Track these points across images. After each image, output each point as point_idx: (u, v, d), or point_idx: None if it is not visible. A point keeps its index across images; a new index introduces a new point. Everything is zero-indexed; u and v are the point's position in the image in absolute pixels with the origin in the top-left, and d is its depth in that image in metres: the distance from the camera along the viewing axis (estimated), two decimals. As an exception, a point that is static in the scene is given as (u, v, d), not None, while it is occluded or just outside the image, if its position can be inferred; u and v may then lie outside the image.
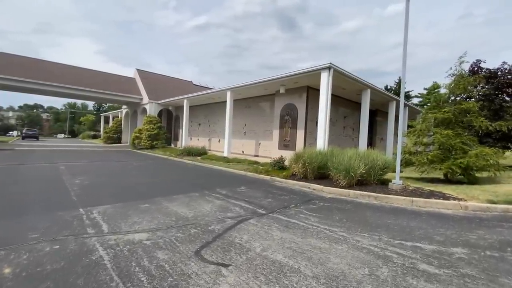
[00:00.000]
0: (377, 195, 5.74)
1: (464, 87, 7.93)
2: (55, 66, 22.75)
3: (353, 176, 6.43)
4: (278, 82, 11.60)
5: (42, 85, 19.31)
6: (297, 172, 7.74)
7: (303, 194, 6.16)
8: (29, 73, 19.13)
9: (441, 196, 5.53)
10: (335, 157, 6.97)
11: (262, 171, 8.77)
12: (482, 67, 12.25)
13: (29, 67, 20.08)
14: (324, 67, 9.42)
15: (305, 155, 7.58)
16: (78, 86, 20.88)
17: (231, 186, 6.84)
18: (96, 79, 23.38)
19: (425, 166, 7.76)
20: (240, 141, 16.67)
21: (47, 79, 19.63)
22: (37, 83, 19.04)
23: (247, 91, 14.22)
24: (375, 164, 6.64)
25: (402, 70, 6.53)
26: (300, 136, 12.43)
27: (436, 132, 7.60)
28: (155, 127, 20.60)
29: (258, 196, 5.71)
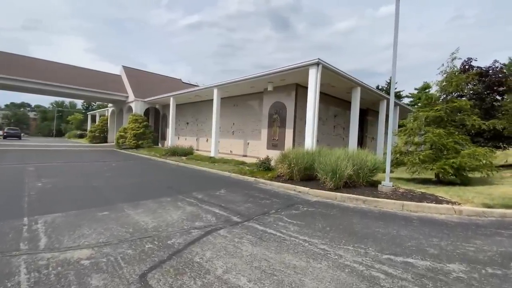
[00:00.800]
0: (366, 199, 5.32)
1: (457, 85, 7.61)
2: (38, 63, 21.67)
3: (340, 178, 5.99)
4: (266, 79, 11.12)
5: (24, 82, 18.30)
6: (283, 173, 7.28)
7: (286, 198, 5.68)
8: (9, 69, 18.09)
9: (434, 199, 5.14)
10: (323, 157, 6.53)
11: (246, 172, 8.28)
12: (473, 66, 12.05)
13: (9, 63, 19.02)
14: (312, 63, 8.98)
15: (291, 155, 7.12)
16: (62, 83, 19.91)
17: (211, 189, 6.32)
18: (82, 77, 22.41)
19: (417, 167, 7.42)
20: (228, 141, 16.13)
21: (29, 76, 18.62)
22: (18, 79, 18.02)
23: (234, 88, 13.70)
24: (364, 165, 6.23)
25: (392, 68, 6.13)
26: (288, 135, 11.98)
27: (428, 131, 7.26)
28: (140, 126, 19.83)
29: (237, 201, 5.20)
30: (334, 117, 14.75)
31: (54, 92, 21.33)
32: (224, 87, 13.25)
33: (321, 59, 8.89)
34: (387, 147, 5.99)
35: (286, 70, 9.87)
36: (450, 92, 7.78)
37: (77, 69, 23.90)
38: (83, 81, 21.54)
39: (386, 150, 8.52)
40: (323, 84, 11.60)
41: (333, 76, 10.18)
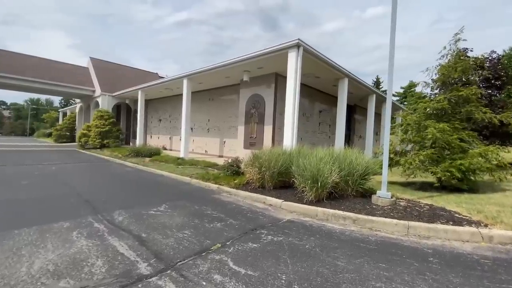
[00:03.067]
0: (357, 217, 3.85)
1: (463, 70, 6.31)
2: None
3: (323, 187, 4.50)
4: (241, 66, 9.52)
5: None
6: (253, 180, 5.72)
7: (249, 217, 4.12)
8: None
9: (448, 217, 3.73)
10: (302, 158, 5.02)
11: (210, 178, 6.66)
12: (469, 56, 10.98)
13: None
14: (291, 45, 7.47)
15: (264, 157, 5.57)
16: (19, 75, 17.42)
17: (148, 203, 4.66)
18: (45, 68, 19.91)
19: (414, 169, 6.07)
20: (203, 139, 14.42)
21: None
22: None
23: (208, 79, 12.01)
24: (353, 169, 4.77)
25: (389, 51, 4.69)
26: (268, 132, 10.46)
27: (430, 125, 5.91)
28: (106, 123, 17.70)
29: (173, 225, 3.59)
30: (319, 113, 13.37)
31: (7, 85, 18.76)
32: (195, 77, 11.54)
33: (302, 40, 7.39)
34: (384, 148, 4.55)
35: (263, 55, 8.32)
36: (454, 79, 6.49)
37: (40, 60, 21.34)
38: (45, 74, 19.10)
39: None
40: (306, 74, 10.16)
41: (317, 63, 8.72)
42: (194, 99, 14.81)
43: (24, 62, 19.72)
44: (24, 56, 20.83)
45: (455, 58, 6.45)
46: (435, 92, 7.30)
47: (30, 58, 21.04)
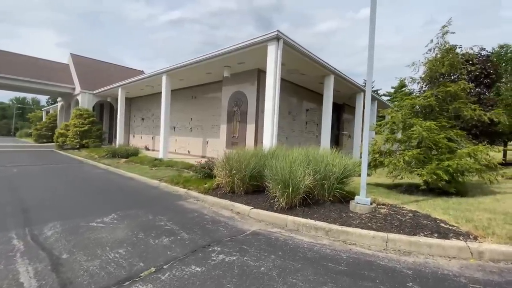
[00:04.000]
0: (330, 228, 3.34)
1: (450, 65, 5.91)
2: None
3: (295, 192, 3.98)
4: (220, 61, 8.95)
5: None
6: (223, 184, 5.16)
7: (208, 228, 3.56)
8: None
9: (433, 227, 3.25)
10: (276, 160, 4.48)
11: (180, 182, 6.07)
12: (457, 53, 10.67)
13: None
14: (270, 37, 6.94)
15: (234, 158, 5.02)
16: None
17: (95, 213, 4.05)
18: (23, 65, 18.88)
19: (400, 170, 5.64)
20: (186, 139, 13.77)
21: None
22: None
23: (188, 75, 11.39)
24: (330, 172, 4.26)
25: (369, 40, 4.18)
26: (250, 131, 9.92)
27: (416, 124, 5.47)
28: (86, 122, 16.83)
29: (110, 242, 3.00)
30: (306, 111, 12.90)
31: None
32: (175, 73, 10.90)
33: (282, 32, 6.87)
34: (363, 148, 4.06)
35: (241, 48, 7.76)
36: (441, 74, 6.07)
37: (18, 57, 20.24)
38: (23, 70, 18.08)
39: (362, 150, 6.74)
40: (290, 71, 9.66)
41: (300, 58, 8.22)
42: (177, 97, 14.17)
43: (5, 59, 18.66)
44: (5, 53, 19.74)
45: (443, 52, 6.05)
46: (422, 89, 6.90)
47: (7, 54, 19.96)
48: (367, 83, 4.06)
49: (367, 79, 4.05)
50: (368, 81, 4.07)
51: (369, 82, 4.07)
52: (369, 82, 4.07)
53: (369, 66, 3.99)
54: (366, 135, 4.00)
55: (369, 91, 4.02)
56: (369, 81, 4.06)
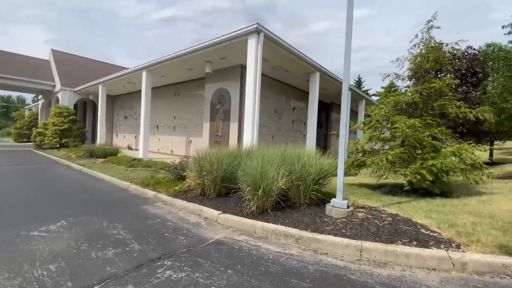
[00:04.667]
0: (300, 235, 3.00)
1: (435, 60, 5.68)
2: None
3: (267, 194, 3.63)
4: (201, 55, 8.53)
5: None
6: (193, 186, 4.76)
7: (166, 237, 3.17)
8: None
9: (413, 234, 2.95)
10: (250, 160, 4.12)
11: (150, 183, 5.64)
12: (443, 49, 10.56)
13: None
14: (250, 30, 6.58)
15: (206, 158, 4.63)
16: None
17: (44, 220, 3.61)
18: (2, 61, 17.94)
19: (384, 170, 5.38)
20: (169, 138, 13.27)
21: None
22: None
23: (170, 71, 10.90)
24: (306, 172, 3.92)
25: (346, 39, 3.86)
26: (233, 130, 9.53)
27: (399, 121, 5.21)
28: (65, 120, 16.08)
29: (45, 254, 2.58)
30: (293, 110, 12.60)
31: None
32: (155, 68, 10.41)
33: (262, 25, 6.52)
34: (339, 146, 3.74)
35: (221, 42, 7.37)
36: (426, 71, 5.84)
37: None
38: (0, 67, 17.17)
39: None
40: (275, 67, 9.33)
41: (283, 53, 7.89)
42: (159, 95, 13.67)
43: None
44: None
45: (428, 47, 5.81)
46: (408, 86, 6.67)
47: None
48: (344, 80, 3.73)
49: (344, 77, 3.72)
50: (345, 80, 3.74)
51: (345, 81, 3.75)
52: (346, 81, 3.74)
53: (345, 67, 3.67)
54: (343, 133, 3.68)
55: (346, 87, 3.70)
56: (346, 80, 3.73)
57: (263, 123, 10.70)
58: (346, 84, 3.66)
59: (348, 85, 3.65)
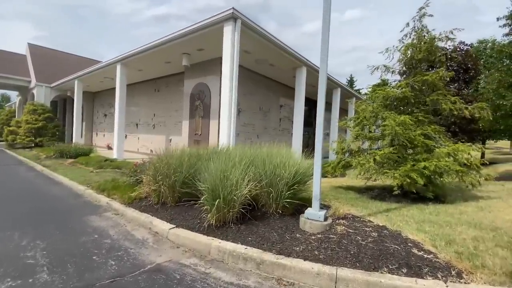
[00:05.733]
0: (263, 258, 2.36)
1: (428, 50, 5.14)
2: None
3: (229, 204, 2.98)
4: (177, 46, 7.81)
5: None
6: (148, 193, 4.07)
7: (94, 260, 2.49)
8: None
9: (402, 256, 2.34)
10: (213, 162, 3.45)
11: (107, 188, 4.92)
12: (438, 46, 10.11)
13: None
14: (225, 17, 5.91)
15: (164, 159, 3.95)
16: None
17: None
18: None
19: (371, 173, 4.81)
20: (149, 137, 12.48)
21: None
22: None
23: (147, 65, 10.12)
24: (278, 176, 3.29)
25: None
26: (213, 128, 8.85)
27: (388, 117, 4.64)
28: (40, 118, 15.05)
29: None
30: (280, 108, 11.99)
31: None
32: (130, 61, 9.63)
33: (239, 11, 5.86)
34: (316, 146, 3.11)
35: (197, 30, 6.68)
36: (418, 62, 5.29)
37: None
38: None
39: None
40: (259, 61, 8.69)
41: (266, 46, 7.25)
42: (139, 91, 12.88)
43: None
44: None
45: (420, 36, 5.26)
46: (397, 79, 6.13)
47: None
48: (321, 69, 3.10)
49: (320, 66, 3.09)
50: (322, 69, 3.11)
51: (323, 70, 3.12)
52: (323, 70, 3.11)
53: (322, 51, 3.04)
54: (319, 130, 3.05)
55: (323, 77, 3.07)
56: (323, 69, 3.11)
57: (248, 121, 10.07)
58: (324, 74, 3.03)
59: (325, 74, 3.02)
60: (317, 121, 3.05)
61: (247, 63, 9.03)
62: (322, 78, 3.02)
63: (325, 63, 3.00)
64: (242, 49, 7.64)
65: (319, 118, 3.05)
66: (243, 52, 7.85)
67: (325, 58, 2.99)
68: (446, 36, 5.22)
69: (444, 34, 5.21)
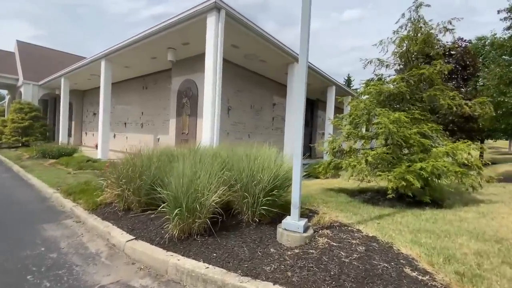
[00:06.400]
0: (224, 281, 1.95)
1: (424, 42, 4.76)
2: None
3: (193, 214, 2.57)
4: (162, 40, 7.38)
5: None
6: (113, 199, 3.65)
7: (27, 282, 2.08)
8: None
9: (392, 279, 1.94)
10: (181, 164, 3.04)
11: (76, 191, 4.50)
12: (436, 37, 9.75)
13: None
14: (208, 7, 5.50)
15: (130, 161, 3.54)
16: None
17: None
18: None
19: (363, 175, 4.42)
20: (137, 136, 12.03)
21: None
22: None
23: (132, 60, 9.68)
24: (254, 180, 2.89)
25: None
26: (201, 127, 8.40)
27: (381, 114, 4.25)
28: (27, 117, 14.57)
29: None
30: (273, 106, 11.58)
31: None
32: (115, 56, 9.19)
33: (223, 1, 5.45)
34: (295, 145, 2.70)
35: (180, 22, 6.26)
36: (414, 54, 4.91)
37: None
38: None
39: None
40: (248, 56, 8.29)
41: (254, 39, 6.84)
42: (127, 89, 12.46)
43: None
44: None
45: (416, 27, 4.88)
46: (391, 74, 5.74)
47: None
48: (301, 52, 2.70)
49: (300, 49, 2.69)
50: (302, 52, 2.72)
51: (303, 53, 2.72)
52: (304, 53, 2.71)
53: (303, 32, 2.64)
54: (298, 124, 2.65)
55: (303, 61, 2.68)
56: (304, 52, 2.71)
57: (238, 120, 9.67)
58: (304, 57, 2.64)
59: (306, 59, 2.63)
60: (297, 117, 2.65)
61: (236, 59, 8.63)
62: (302, 61, 2.62)
63: (306, 41, 2.60)
64: (230, 44, 7.26)
65: (298, 114, 2.64)
66: (230, 47, 7.46)
67: (306, 37, 2.59)
68: (445, 27, 4.83)
69: (442, 25, 4.83)
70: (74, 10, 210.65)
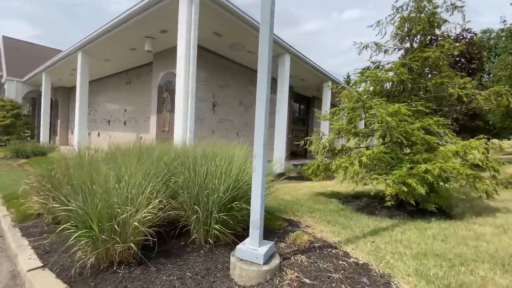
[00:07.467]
0: None
1: (429, 21, 4.04)
2: None
3: (111, 238, 1.86)
4: (137, 27, 6.67)
5: None
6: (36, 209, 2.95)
7: None
8: None
9: None
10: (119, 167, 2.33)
11: (17, 197, 3.79)
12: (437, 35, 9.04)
13: None
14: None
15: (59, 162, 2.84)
16: None
17: None
18: None
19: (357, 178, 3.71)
20: (120, 135, 11.33)
21: None
22: None
23: (110, 52, 8.95)
24: (208, 189, 2.17)
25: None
26: (183, 124, 7.70)
27: (377, 106, 3.53)
28: (8, 115, 13.89)
29: None
30: (265, 102, 10.84)
31: None
32: (92, 48, 8.48)
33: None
34: (255, 146, 2.00)
35: (151, 5, 5.55)
36: (415, 35, 4.19)
37: None
38: None
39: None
40: (234, 46, 7.57)
41: (238, 26, 6.13)
42: (110, 85, 11.78)
43: None
44: None
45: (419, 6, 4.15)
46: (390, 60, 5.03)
47: None
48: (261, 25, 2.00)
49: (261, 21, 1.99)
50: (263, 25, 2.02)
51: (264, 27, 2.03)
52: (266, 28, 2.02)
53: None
54: (261, 125, 1.95)
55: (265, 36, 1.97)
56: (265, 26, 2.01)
57: (225, 117, 8.96)
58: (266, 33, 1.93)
59: (269, 35, 1.92)
60: (259, 97, 1.95)
61: (221, 49, 7.92)
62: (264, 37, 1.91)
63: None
64: (211, 31, 6.56)
65: (260, 93, 1.94)
66: (213, 35, 6.76)
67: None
68: (453, 3, 4.10)
69: (449, 1, 4.10)
70: (74, 10, 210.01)
